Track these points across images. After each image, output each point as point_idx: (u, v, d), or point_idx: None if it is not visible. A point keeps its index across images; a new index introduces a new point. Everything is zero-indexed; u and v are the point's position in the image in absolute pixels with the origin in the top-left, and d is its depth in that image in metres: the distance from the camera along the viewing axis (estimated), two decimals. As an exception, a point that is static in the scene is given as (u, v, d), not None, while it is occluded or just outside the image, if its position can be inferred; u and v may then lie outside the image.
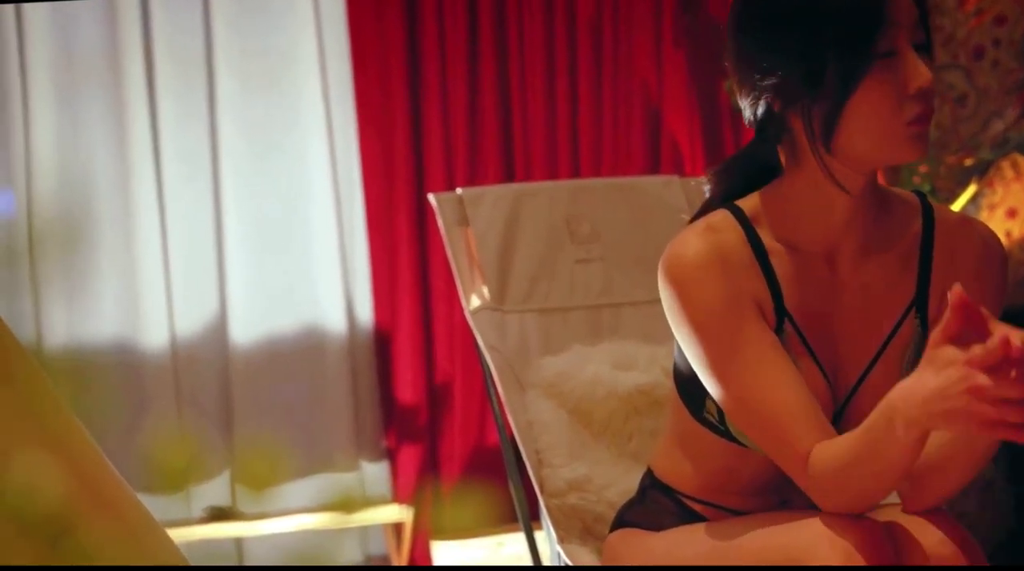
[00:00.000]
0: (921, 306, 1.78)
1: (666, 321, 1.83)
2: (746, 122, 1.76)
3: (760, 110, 1.72)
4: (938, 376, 1.47)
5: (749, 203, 1.79)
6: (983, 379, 1.42)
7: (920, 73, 1.62)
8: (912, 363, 1.75)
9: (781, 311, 1.75)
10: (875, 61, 1.62)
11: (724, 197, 1.82)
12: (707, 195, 1.86)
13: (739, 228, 1.76)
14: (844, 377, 1.79)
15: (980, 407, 1.42)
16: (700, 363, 1.75)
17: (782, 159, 1.77)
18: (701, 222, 1.77)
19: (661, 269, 1.76)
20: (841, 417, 1.79)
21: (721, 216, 1.77)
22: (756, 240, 1.75)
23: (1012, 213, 4.91)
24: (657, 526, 1.98)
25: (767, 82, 1.68)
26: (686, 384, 1.86)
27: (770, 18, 1.68)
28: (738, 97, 1.75)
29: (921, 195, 1.85)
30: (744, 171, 1.81)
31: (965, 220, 1.83)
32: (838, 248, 1.76)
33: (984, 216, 4.89)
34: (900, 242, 1.79)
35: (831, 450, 1.66)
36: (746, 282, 1.73)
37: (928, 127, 1.65)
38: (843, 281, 1.77)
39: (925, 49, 1.67)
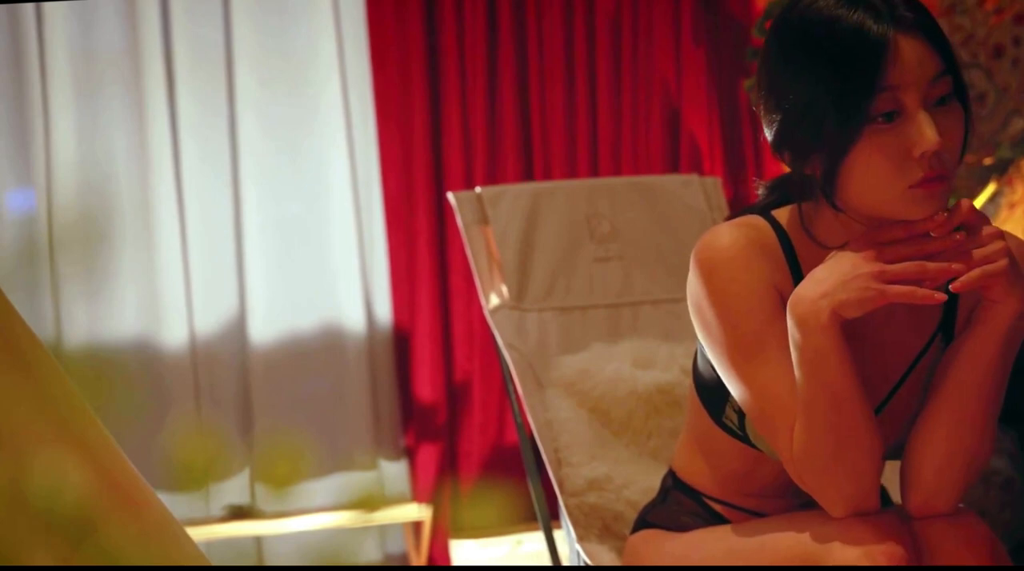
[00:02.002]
0: (947, 330, 1.76)
1: (685, 319, 1.82)
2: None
3: (778, 146, 1.70)
4: (833, 272, 1.62)
5: (784, 214, 1.77)
6: (880, 265, 1.61)
7: (924, 138, 1.55)
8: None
9: None
10: (872, 122, 1.57)
11: (762, 207, 1.80)
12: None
13: (773, 233, 1.75)
14: (871, 395, 1.76)
15: (881, 285, 1.60)
16: (721, 355, 1.74)
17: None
18: (737, 219, 1.76)
19: (693, 258, 1.74)
20: None
21: (756, 218, 1.77)
22: (789, 247, 1.74)
23: (1033, 211, 4.89)
24: (679, 527, 1.98)
25: (779, 125, 1.66)
26: (707, 389, 1.85)
27: (782, 65, 1.65)
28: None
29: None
30: (784, 187, 1.79)
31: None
32: None
33: (1003, 215, 4.88)
34: None
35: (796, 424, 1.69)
36: (777, 281, 1.72)
37: (941, 187, 1.59)
38: None
39: (957, 97, 1.61)
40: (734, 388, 1.74)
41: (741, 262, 1.70)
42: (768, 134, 1.69)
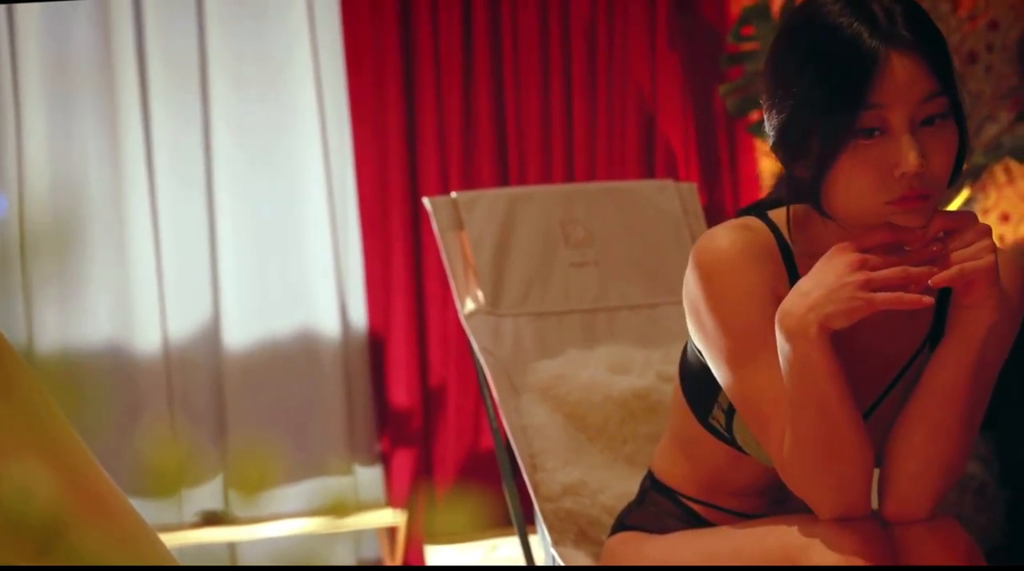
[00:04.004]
0: (937, 338, 1.76)
1: (661, 325, 1.83)
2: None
3: (773, 145, 1.71)
4: (818, 283, 1.62)
5: (780, 215, 1.78)
6: (865, 274, 1.59)
7: (906, 160, 1.55)
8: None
9: None
10: (857, 137, 1.58)
11: (758, 207, 1.80)
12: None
13: (771, 235, 1.75)
14: (858, 401, 1.76)
15: (868, 295, 1.59)
16: (717, 356, 1.74)
17: None
18: (735, 220, 1.77)
19: (692, 259, 1.74)
20: None
21: (753, 220, 1.77)
22: (786, 249, 1.75)
23: (1005, 217, 4.92)
24: (657, 528, 1.98)
25: (773, 123, 1.67)
26: (694, 388, 1.86)
27: (782, 63, 1.65)
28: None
29: None
30: (782, 186, 1.80)
31: None
32: None
33: (978, 220, 4.89)
34: None
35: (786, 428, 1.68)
36: (776, 284, 1.73)
37: (921, 205, 1.59)
38: None
39: (954, 116, 1.61)
40: (730, 390, 1.75)
41: (740, 265, 1.71)
42: (767, 129, 1.70)
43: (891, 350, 1.77)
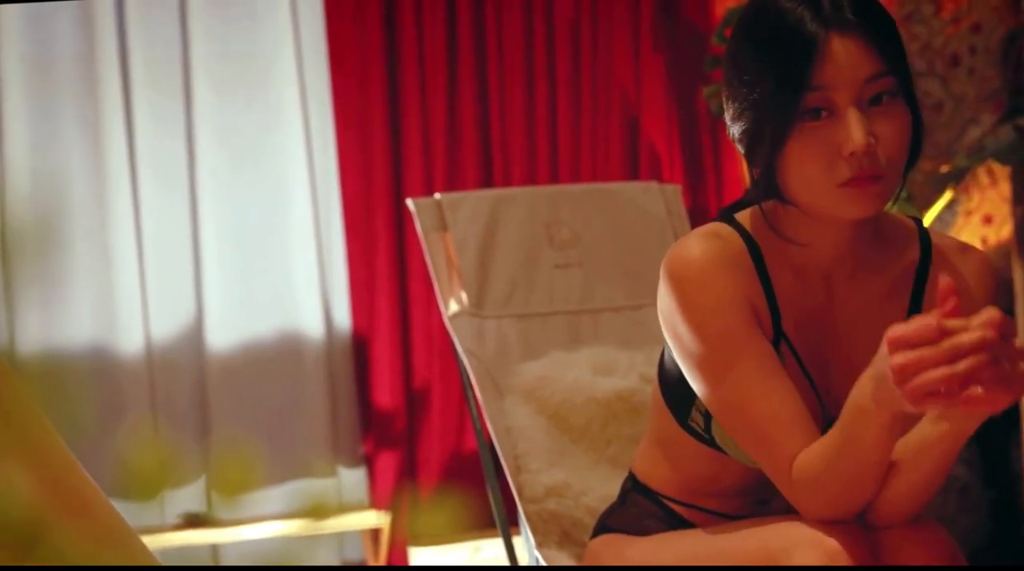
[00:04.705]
0: None
1: (645, 327, 1.83)
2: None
3: (733, 139, 1.73)
4: (872, 366, 1.53)
5: (749, 217, 1.78)
6: (900, 358, 1.44)
7: (852, 138, 1.57)
8: None
9: (779, 331, 1.75)
10: (803, 120, 1.60)
11: (727, 211, 1.81)
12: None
13: (742, 241, 1.75)
14: (835, 397, 1.78)
15: (906, 387, 1.44)
16: (693, 366, 1.74)
17: None
18: (705, 228, 1.77)
19: (664, 269, 1.75)
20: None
21: (722, 227, 1.77)
22: (758, 255, 1.75)
23: (988, 219, 4.93)
24: (639, 530, 1.98)
25: (729, 117, 1.70)
26: (673, 391, 1.86)
27: (732, 56, 1.68)
28: None
29: (918, 222, 1.84)
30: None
31: (962, 248, 1.82)
32: (833, 269, 1.76)
33: (960, 222, 4.91)
34: (895, 267, 1.78)
35: (813, 450, 1.66)
36: (748, 291, 1.73)
37: (873, 187, 1.60)
38: (839, 302, 1.77)
39: (904, 97, 1.63)
40: (708, 399, 1.75)
41: (711, 275, 1.71)
42: (727, 122, 1.72)
43: (868, 344, 1.77)
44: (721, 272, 1.71)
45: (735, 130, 1.69)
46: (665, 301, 1.75)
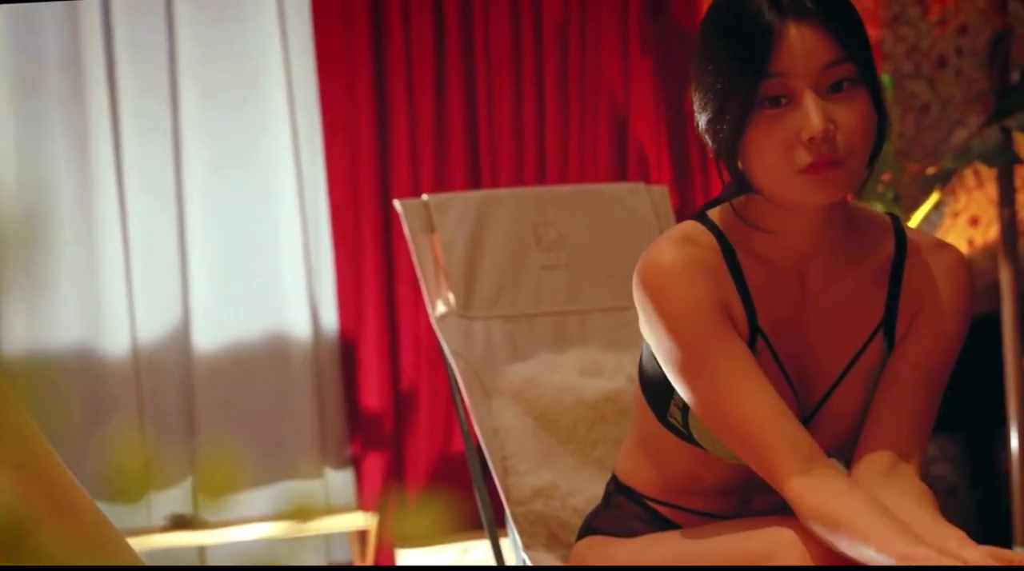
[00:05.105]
0: (889, 327, 1.78)
1: (632, 328, 1.83)
2: None
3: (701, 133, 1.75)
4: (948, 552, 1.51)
5: (721, 214, 1.79)
6: None
7: (809, 123, 1.59)
8: (876, 380, 1.78)
9: (754, 328, 1.75)
10: (762, 107, 1.62)
11: (700, 209, 1.82)
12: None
13: (714, 240, 1.76)
14: (812, 391, 1.80)
15: None
16: (673, 371, 1.76)
17: None
18: (676, 232, 1.78)
19: (636, 277, 1.76)
20: (807, 429, 1.79)
21: (693, 227, 1.78)
22: (730, 253, 1.76)
23: (975, 221, 4.94)
24: (623, 531, 1.99)
25: (696, 109, 1.72)
26: (651, 388, 1.87)
27: (698, 50, 1.71)
28: None
29: (894, 218, 1.85)
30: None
31: (938, 244, 1.83)
32: (807, 263, 1.77)
33: (947, 224, 4.92)
34: (870, 261, 1.79)
35: (839, 515, 1.62)
36: (721, 293, 1.74)
37: (833, 173, 1.61)
38: (813, 296, 1.78)
39: (863, 82, 1.64)
40: (690, 403, 1.76)
41: (683, 283, 1.72)
42: (696, 115, 1.74)
43: (842, 339, 1.79)
44: (692, 278, 1.72)
45: (701, 121, 1.71)
46: (641, 308, 1.77)
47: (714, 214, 1.80)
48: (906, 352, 1.77)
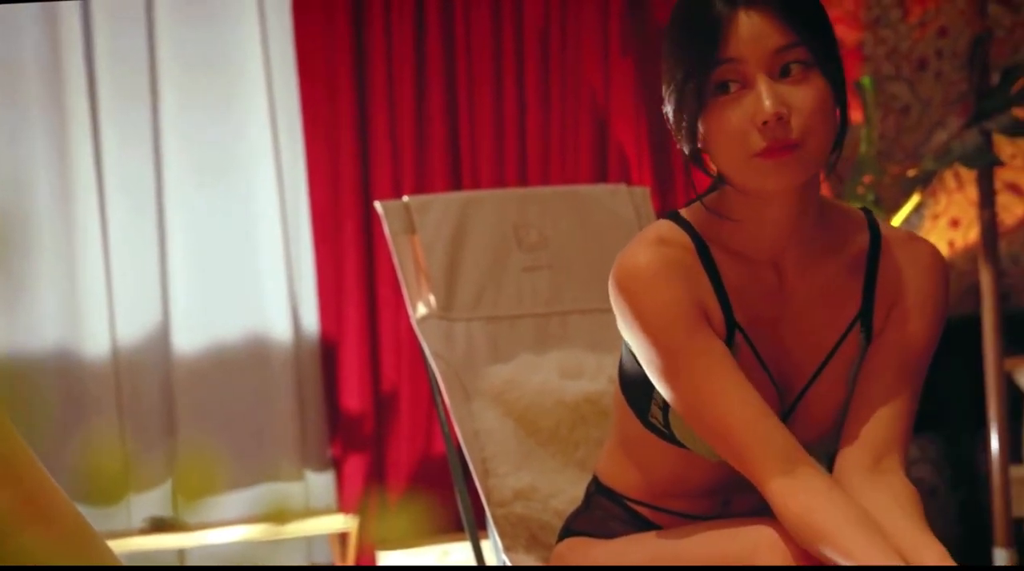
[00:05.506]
0: (866, 319, 1.79)
1: (614, 329, 1.83)
2: None
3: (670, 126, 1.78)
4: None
5: (694, 212, 1.80)
6: None
7: (762, 107, 1.62)
8: (856, 373, 1.79)
9: (732, 323, 1.76)
10: (717, 94, 1.65)
11: (673, 210, 1.84)
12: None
13: (688, 239, 1.77)
14: (791, 384, 1.81)
15: None
16: (653, 372, 1.76)
17: None
18: (650, 233, 1.78)
19: (612, 280, 1.76)
20: (787, 422, 1.80)
21: (667, 227, 1.79)
22: (705, 251, 1.76)
23: (955, 223, 4.95)
24: (604, 532, 1.99)
25: (665, 101, 1.76)
26: (631, 388, 1.87)
27: (663, 57, 1.75)
28: None
29: (868, 212, 1.86)
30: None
31: (910, 237, 1.84)
32: (782, 255, 1.77)
33: (927, 226, 4.94)
34: (845, 253, 1.80)
35: (817, 521, 1.64)
36: (696, 293, 1.74)
37: (788, 156, 1.63)
38: (790, 288, 1.78)
39: (818, 66, 1.65)
40: (672, 403, 1.77)
41: (657, 285, 1.73)
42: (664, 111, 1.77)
43: (818, 331, 1.80)
44: (667, 279, 1.73)
45: (667, 112, 1.75)
46: (618, 311, 1.77)
47: (687, 213, 1.81)
48: (884, 344, 1.78)
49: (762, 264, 1.77)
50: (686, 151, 1.73)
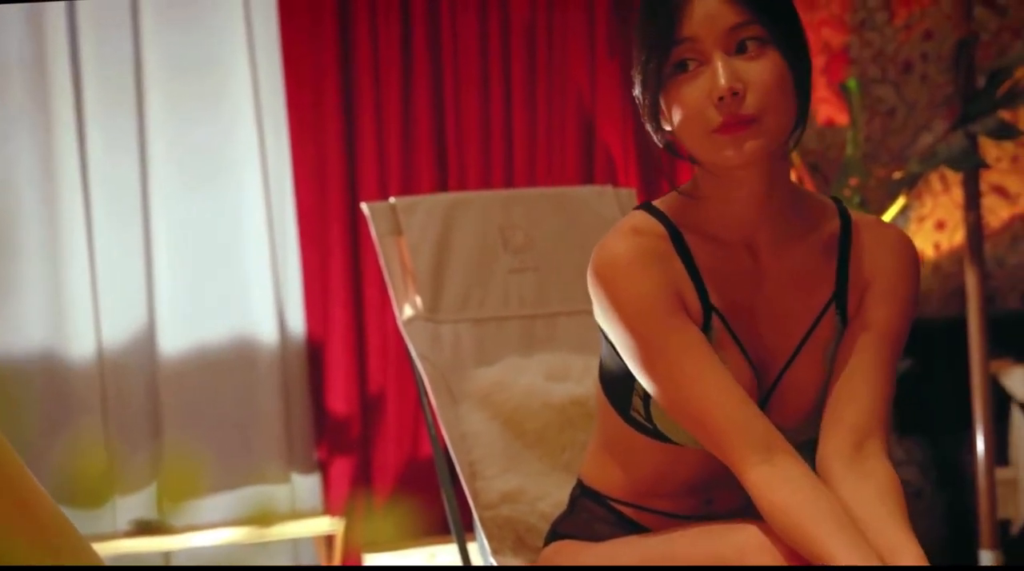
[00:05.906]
0: (840, 301, 1.82)
1: (600, 331, 1.84)
2: None
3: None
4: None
5: (668, 201, 1.84)
6: None
7: (716, 84, 1.66)
8: (833, 356, 1.81)
9: (708, 307, 1.78)
10: (675, 73, 1.69)
11: (646, 201, 1.87)
12: None
13: (661, 227, 1.80)
14: (769, 366, 1.82)
15: None
16: (632, 360, 1.78)
17: None
18: (625, 224, 1.81)
19: (590, 270, 1.79)
20: (766, 405, 1.82)
21: (641, 218, 1.82)
22: (678, 238, 1.79)
23: (941, 225, 4.96)
24: (589, 535, 1.99)
25: (634, 91, 1.78)
26: (612, 384, 1.88)
27: (634, 46, 1.78)
28: None
29: (837, 200, 1.90)
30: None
31: (878, 222, 1.88)
32: (754, 236, 1.80)
33: (913, 228, 4.95)
34: (817, 235, 1.83)
35: (796, 517, 1.64)
36: (672, 280, 1.77)
37: (745, 131, 1.66)
38: (765, 270, 1.80)
39: (773, 42, 1.68)
40: (653, 394, 1.78)
41: (633, 275, 1.75)
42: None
43: (797, 312, 1.82)
44: (643, 268, 1.75)
45: (636, 95, 1.77)
46: (596, 302, 1.80)
47: (660, 203, 1.84)
48: (859, 328, 1.81)
49: (736, 246, 1.80)
50: (652, 132, 1.77)
